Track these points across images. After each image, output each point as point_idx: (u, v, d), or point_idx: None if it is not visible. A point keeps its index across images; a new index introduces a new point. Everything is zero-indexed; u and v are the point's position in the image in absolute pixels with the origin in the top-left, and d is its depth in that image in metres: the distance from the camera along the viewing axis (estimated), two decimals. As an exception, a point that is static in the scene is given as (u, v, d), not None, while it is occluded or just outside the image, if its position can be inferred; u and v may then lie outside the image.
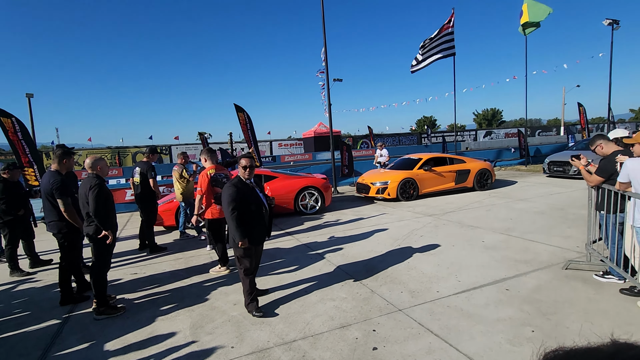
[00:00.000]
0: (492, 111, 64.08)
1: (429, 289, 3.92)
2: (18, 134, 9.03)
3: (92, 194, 3.58)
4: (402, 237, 6.02)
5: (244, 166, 3.64)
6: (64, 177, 4.09)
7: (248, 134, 11.10)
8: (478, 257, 4.82)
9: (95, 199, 3.58)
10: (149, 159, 6.13)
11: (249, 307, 3.61)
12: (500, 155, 19.31)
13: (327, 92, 12.21)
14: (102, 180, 3.78)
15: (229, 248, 4.30)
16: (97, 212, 3.60)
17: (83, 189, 3.66)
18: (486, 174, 10.30)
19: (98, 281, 3.70)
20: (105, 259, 3.83)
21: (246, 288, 3.66)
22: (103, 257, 3.79)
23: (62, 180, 3.98)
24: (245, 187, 3.60)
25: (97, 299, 3.70)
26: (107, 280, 3.83)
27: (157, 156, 6.79)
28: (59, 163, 4.14)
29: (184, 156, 7.01)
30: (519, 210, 7.55)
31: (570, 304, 3.43)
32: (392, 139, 39.50)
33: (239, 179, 3.65)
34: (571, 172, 11.33)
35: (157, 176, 6.01)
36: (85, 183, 3.67)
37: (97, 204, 3.60)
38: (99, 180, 3.70)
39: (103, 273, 3.77)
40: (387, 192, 9.26)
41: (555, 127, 46.69)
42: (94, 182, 3.63)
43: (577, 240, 5.26)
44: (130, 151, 30.61)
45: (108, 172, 3.95)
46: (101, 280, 3.73)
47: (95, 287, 3.69)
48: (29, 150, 9.27)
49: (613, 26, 17.00)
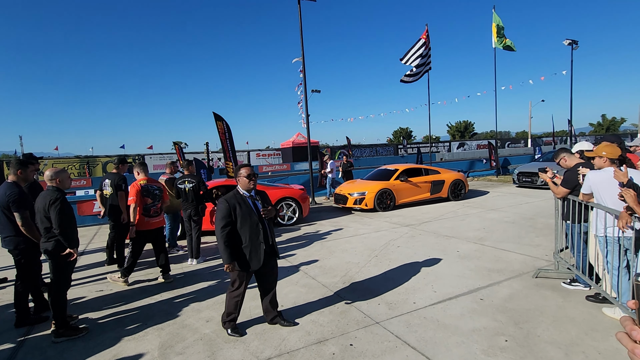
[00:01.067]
0: (465, 123, 66.50)
1: (405, 301, 3.92)
2: None
3: (55, 209, 3.35)
4: (380, 247, 6.04)
5: (247, 175, 3.25)
6: (22, 189, 3.82)
7: (227, 143, 10.92)
8: (453, 267, 4.90)
9: (58, 214, 3.35)
10: (119, 170, 5.85)
11: (226, 325, 3.40)
12: (472, 166, 19.99)
13: (305, 102, 12.26)
14: (63, 193, 3.56)
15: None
16: (63, 229, 3.37)
17: (42, 202, 3.42)
18: (460, 184, 10.59)
19: (57, 301, 3.44)
20: (65, 276, 3.58)
21: (228, 310, 3.38)
22: (63, 274, 3.54)
23: (19, 192, 3.71)
24: (241, 202, 3.23)
25: (55, 320, 3.43)
26: (66, 299, 3.58)
27: (128, 166, 6.50)
28: (14, 174, 3.87)
29: (173, 166, 6.71)
30: (491, 220, 7.78)
31: (541, 312, 3.52)
32: (370, 149, 40.08)
33: (234, 193, 3.29)
34: (539, 183, 11.85)
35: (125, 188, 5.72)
36: (45, 196, 3.44)
37: (62, 219, 3.37)
38: (59, 193, 3.47)
39: (63, 292, 3.52)
40: (365, 202, 9.32)
41: (523, 139, 49.01)
42: (54, 196, 3.40)
43: (546, 249, 5.46)
44: (101, 160, 29.39)
45: (70, 184, 3.73)
46: (60, 299, 3.48)
47: (54, 307, 3.43)
48: None
49: (572, 46, 18.20)
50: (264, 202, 3.35)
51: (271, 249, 3.36)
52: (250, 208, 3.26)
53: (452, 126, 67.04)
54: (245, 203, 3.26)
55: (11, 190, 3.67)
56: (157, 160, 31.47)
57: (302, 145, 29.09)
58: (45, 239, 3.47)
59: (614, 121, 61.20)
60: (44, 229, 3.45)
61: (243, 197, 3.28)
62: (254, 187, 3.33)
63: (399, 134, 65.50)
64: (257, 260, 3.24)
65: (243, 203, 3.24)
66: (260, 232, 3.25)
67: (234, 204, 3.21)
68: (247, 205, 3.25)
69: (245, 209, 3.22)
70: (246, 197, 3.29)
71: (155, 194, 4.95)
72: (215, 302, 4.13)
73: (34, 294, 4.00)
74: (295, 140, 31.72)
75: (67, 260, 3.50)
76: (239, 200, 3.24)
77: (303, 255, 5.89)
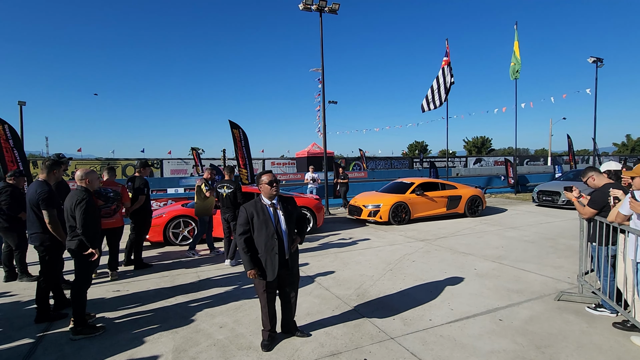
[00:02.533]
0: (482, 139, 65.61)
1: (421, 317, 3.83)
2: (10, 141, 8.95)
3: (80, 209, 3.42)
4: (394, 261, 5.95)
5: (269, 182, 3.16)
6: (51, 187, 3.96)
7: (242, 151, 11.09)
8: (471, 285, 4.77)
9: (82, 214, 3.42)
10: (141, 173, 6.02)
11: (262, 334, 3.33)
12: (490, 182, 19.62)
13: (323, 113, 12.36)
14: (90, 194, 3.65)
15: None
16: (85, 228, 3.44)
17: (69, 201, 3.52)
18: (477, 200, 10.40)
19: (77, 299, 3.52)
20: (87, 275, 3.66)
21: (262, 319, 3.32)
22: (85, 273, 3.62)
23: (49, 190, 3.85)
24: (260, 211, 3.14)
25: (74, 318, 3.50)
26: (86, 297, 3.65)
27: (149, 170, 6.67)
28: (47, 173, 4.01)
29: (211, 171, 6.81)
30: (510, 238, 7.58)
31: (564, 337, 3.38)
32: (385, 162, 39.92)
33: (256, 201, 3.20)
34: (560, 202, 11.51)
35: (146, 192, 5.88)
36: (72, 196, 3.54)
37: (86, 219, 3.44)
38: (86, 194, 3.56)
39: (83, 290, 3.59)
40: (379, 215, 9.24)
41: (543, 157, 47.90)
42: (81, 197, 3.48)
43: (568, 271, 5.27)
44: (121, 163, 30.22)
45: (98, 185, 3.84)
46: (81, 297, 3.55)
47: (74, 305, 3.51)
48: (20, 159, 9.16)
49: (597, 64, 17.85)
50: (287, 212, 3.23)
51: (286, 263, 3.19)
52: (269, 217, 3.14)
53: (469, 141, 66.23)
54: (264, 212, 3.15)
55: (42, 189, 3.81)
56: (174, 165, 32.13)
57: (318, 155, 29.20)
58: (69, 238, 3.56)
59: (639, 142, 59.24)
60: (69, 228, 3.54)
61: (263, 205, 3.18)
62: (277, 195, 3.22)
63: (415, 148, 65.07)
64: (271, 270, 3.13)
65: (262, 212, 3.14)
66: (276, 243, 3.12)
67: (252, 212, 3.14)
68: (265, 215, 3.14)
69: (263, 219, 3.12)
70: (266, 206, 3.18)
71: (109, 197, 5.18)
72: (229, 309, 4.13)
73: (54, 291, 4.10)
74: (311, 150, 31.89)
75: (89, 259, 3.57)
76: (258, 209, 3.16)
77: (317, 265, 5.85)
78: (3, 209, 4.98)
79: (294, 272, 3.31)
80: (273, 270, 3.12)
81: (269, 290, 3.22)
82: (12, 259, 5.28)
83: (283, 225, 3.19)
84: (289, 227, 3.22)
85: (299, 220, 3.42)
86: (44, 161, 4.20)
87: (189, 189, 18.62)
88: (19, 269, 5.22)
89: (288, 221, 3.21)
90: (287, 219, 3.21)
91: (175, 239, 7.33)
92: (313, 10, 11.48)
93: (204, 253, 6.71)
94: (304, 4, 11.36)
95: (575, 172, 13.76)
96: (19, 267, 5.20)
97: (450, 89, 14.57)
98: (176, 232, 7.35)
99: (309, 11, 11.56)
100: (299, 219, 3.41)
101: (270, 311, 3.26)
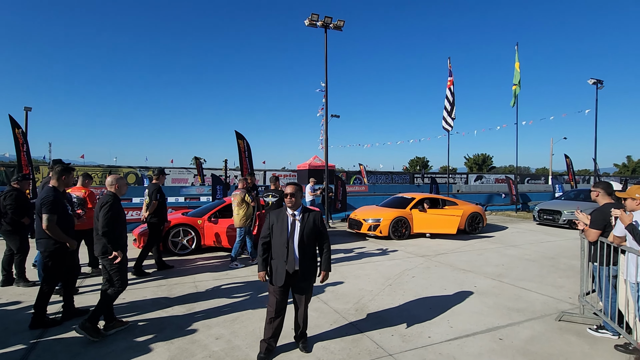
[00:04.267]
0: (483, 156, 65.79)
1: (420, 334, 3.78)
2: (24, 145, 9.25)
3: (103, 211, 3.56)
4: (394, 276, 5.90)
5: (285, 194, 3.28)
6: (58, 194, 3.99)
7: (246, 161, 11.17)
8: (471, 303, 4.72)
9: (104, 217, 3.54)
10: (158, 181, 6.25)
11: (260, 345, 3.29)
12: (491, 199, 19.58)
13: (325, 127, 12.47)
14: (117, 198, 3.78)
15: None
16: (106, 231, 3.55)
17: (97, 206, 3.66)
18: (478, 217, 10.37)
19: (108, 299, 3.66)
20: (121, 278, 3.71)
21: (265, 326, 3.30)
22: (117, 276, 3.68)
23: (54, 196, 3.88)
24: (280, 220, 3.24)
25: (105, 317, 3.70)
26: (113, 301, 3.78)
27: (165, 178, 7.00)
28: (57, 179, 4.06)
29: (245, 182, 6.97)
30: (511, 256, 7.53)
31: (565, 358, 3.33)
32: (386, 176, 39.98)
33: (281, 209, 3.33)
34: (560, 222, 11.46)
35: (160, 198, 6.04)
36: (99, 200, 3.70)
37: (107, 222, 3.55)
38: (113, 198, 3.70)
39: (118, 293, 3.73)
40: (379, 229, 9.21)
41: (544, 176, 47.93)
42: (106, 200, 3.63)
43: (570, 291, 5.21)
44: (123, 171, 30.30)
45: (126, 191, 3.99)
46: (112, 299, 3.70)
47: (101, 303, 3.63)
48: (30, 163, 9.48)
49: (597, 85, 18.05)
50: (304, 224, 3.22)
51: (295, 273, 3.21)
52: (285, 227, 3.20)
53: (470, 158, 66.41)
54: (283, 221, 3.22)
55: (46, 194, 3.85)
56: (176, 174, 32.21)
57: (319, 168, 29.28)
58: (96, 240, 3.68)
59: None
60: (96, 231, 3.66)
61: (285, 214, 3.25)
62: (292, 207, 3.24)
63: (416, 163, 65.24)
64: (279, 277, 3.18)
65: (281, 220, 3.23)
66: (285, 253, 3.16)
67: (274, 219, 3.27)
68: (283, 223, 3.21)
69: (280, 227, 3.22)
70: (287, 215, 3.23)
71: (72, 202, 5.16)
72: (226, 320, 4.09)
73: (65, 300, 4.12)
74: (312, 162, 31.99)
75: (114, 262, 3.63)
76: (279, 217, 3.26)
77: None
78: (8, 213, 5.02)
79: (303, 285, 3.29)
80: (281, 277, 3.17)
81: (277, 294, 3.21)
82: (12, 263, 5.27)
83: (296, 237, 3.20)
84: (301, 239, 3.20)
85: (320, 237, 3.32)
86: (53, 167, 4.21)
87: (189, 197, 18.66)
88: (17, 273, 5.20)
89: (302, 233, 3.20)
90: (302, 230, 3.21)
91: (175, 248, 7.30)
92: (318, 26, 11.72)
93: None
94: (309, 20, 11.61)
95: (576, 192, 13.74)
96: (17, 271, 5.19)
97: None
98: (175, 240, 7.32)
99: (315, 27, 11.80)
100: (319, 235, 3.31)
101: (271, 315, 3.22)
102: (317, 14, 11.46)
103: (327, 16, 11.53)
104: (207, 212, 7.86)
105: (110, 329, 3.70)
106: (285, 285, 3.20)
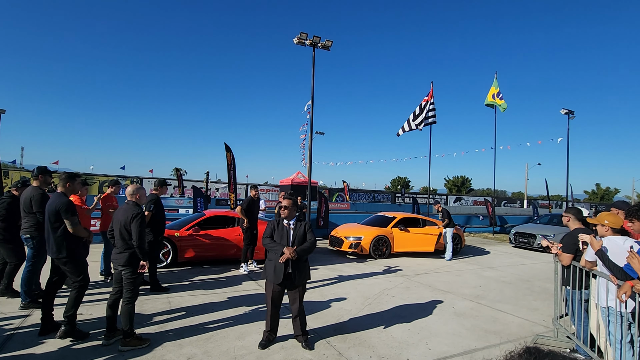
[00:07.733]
0: (462, 178, 67.46)
1: (398, 355, 3.73)
2: None
3: (136, 223, 3.61)
4: (373, 296, 5.86)
5: (280, 206, 3.86)
6: (68, 199, 3.98)
7: (231, 174, 11.07)
8: (449, 324, 4.72)
9: (139, 228, 3.61)
10: (158, 192, 6.05)
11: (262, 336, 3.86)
12: (469, 221, 19.97)
13: (310, 144, 12.55)
14: (142, 208, 3.84)
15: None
16: (141, 242, 3.63)
17: (123, 216, 3.67)
18: (457, 238, 10.52)
19: (128, 312, 3.62)
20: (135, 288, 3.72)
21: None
22: (133, 286, 3.69)
23: (68, 201, 3.90)
24: (279, 227, 3.85)
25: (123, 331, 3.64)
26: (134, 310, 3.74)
27: (167, 189, 6.73)
28: (63, 186, 4.06)
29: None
30: (488, 278, 7.64)
31: (540, 382, 3.34)
32: (367, 194, 40.27)
33: (279, 219, 3.91)
34: (535, 245, 11.79)
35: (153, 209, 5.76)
36: (126, 210, 3.70)
37: (141, 233, 3.63)
38: (139, 209, 3.75)
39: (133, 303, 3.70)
40: (360, 247, 9.19)
41: (519, 200, 49.47)
42: (136, 211, 3.68)
43: (544, 314, 5.31)
44: (99, 179, 29.26)
45: (145, 200, 4.06)
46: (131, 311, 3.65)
47: (125, 318, 3.61)
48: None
49: (569, 115, 19.06)
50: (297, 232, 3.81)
51: (287, 277, 3.71)
52: (284, 233, 3.80)
53: (450, 180, 67.96)
54: (282, 228, 3.83)
55: (60, 200, 3.88)
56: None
57: (302, 184, 29.22)
58: (119, 250, 3.68)
59: (608, 191, 62.30)
60: (121, 242, 3.64)
61: (282, 223, 3.85)
62: (287, 217, 3.83)
63: (397, 183, 66.18)
64: (276, 276, 3.70)
65: (280, 228, 3.85)
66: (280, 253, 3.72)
67: (274, 226, 3.88)
68: (281, 230, 3.83)
69: (279, 233, 3.83)
70: (284, 224, 3.84)
71: None
72: (199, 339, 3.92)
73: (44, 313, 3.92)
74: (295, 178, 31.89)
75: (139, 270, 3.67)
76: (278, 225, 3.87)
77: (294, 296, 5.68)
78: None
79: (295, 284, 3.80)
80: (277, 276, 3.70)
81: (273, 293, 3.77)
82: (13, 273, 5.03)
83: (290, 242, 3.77)
84: (294, 244, 3.77)
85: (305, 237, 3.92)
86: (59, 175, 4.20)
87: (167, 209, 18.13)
88: (5, 283, 4.97)
89: (295, 239, 3.79)
90: (295, 237, 3.81)
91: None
92: (307, 44, 11.96)
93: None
94: (298, 38, 11.84)
95: (550, 216, 14.23)
96: (6, 280, 4.97)
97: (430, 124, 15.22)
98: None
99: (303, 45, 12.04)
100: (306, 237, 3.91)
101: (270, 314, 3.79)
102: (305, 33, 11.72)
103: (315, 35, 11.80)
104: (185, 224, 7.66)
105: (127, 345, 3.62)
106: (282, 284, 3.75)
